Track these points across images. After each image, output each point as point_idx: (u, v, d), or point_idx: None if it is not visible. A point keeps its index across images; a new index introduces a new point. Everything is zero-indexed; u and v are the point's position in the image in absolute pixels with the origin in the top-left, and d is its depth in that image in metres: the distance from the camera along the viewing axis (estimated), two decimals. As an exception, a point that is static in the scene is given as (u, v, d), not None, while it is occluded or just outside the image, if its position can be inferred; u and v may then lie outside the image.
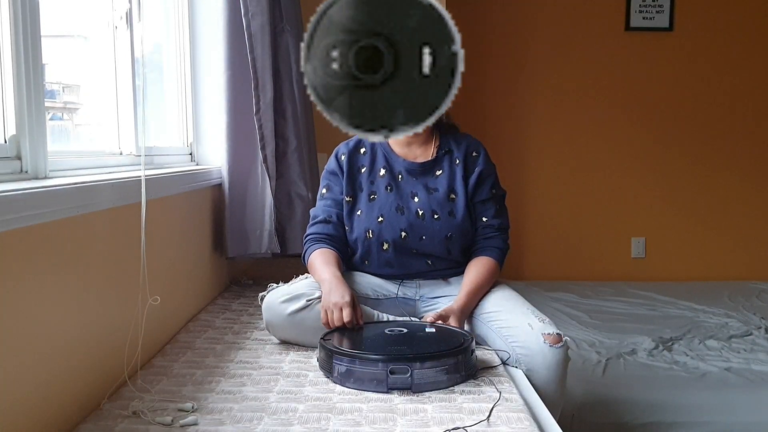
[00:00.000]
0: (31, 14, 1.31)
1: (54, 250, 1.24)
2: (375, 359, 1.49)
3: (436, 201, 1.92)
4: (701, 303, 3.52)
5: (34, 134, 1.33)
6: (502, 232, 1.96)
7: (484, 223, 1.95)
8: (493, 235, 1.94)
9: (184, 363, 1.67)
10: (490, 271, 1.91)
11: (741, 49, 4.09)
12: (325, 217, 1.95)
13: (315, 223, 1.97)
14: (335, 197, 1.96)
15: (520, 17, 4.07)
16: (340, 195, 1.96)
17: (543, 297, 3.60)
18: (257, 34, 2.37)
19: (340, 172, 1.97)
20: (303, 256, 1.96)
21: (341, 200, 1.95)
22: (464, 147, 1.98)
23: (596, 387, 2.42)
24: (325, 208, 1.97)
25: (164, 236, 1.86)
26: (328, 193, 1.98)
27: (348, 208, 1.94)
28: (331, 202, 1.96)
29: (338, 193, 1.96)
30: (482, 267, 1.90)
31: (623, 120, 4.12)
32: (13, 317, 1.12)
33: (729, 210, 4.18)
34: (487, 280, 1.90)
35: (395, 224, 1.89)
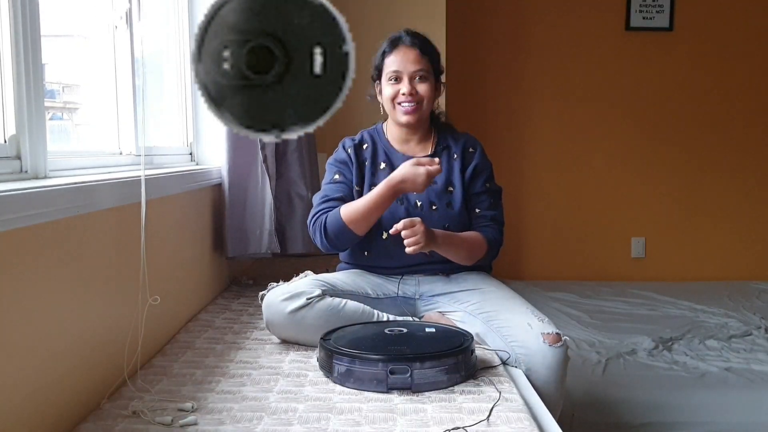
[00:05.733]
0: (31, 14, 1.31)
1: (54, 250, 1.24)
2: (375, 359, 1.49)
3: (434, 193, 1.94)
4: (701, 303, 3.52)
5: (34, 134, 1.33)
6: (496, 224, 1.97)
7: (477, 213, 1.97)
8: (487, 224, 1.96)
9: (184, 363, 1.67)
10: (476, 240, 1.92)
11: (741, 49, 4.09)
12: (342, 195, 1.94)
13: (329, 200, 1.93)
14: (347, 183, 1.97)
15: (520, 17, 4.07)
16: (351, 182, 1.97)
17: (543, 297, 3.60)
18: (257, 34, 2.37)
19: (350, 162, 1.99)
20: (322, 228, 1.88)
21: (352, 187, 1.97)
22: (462, 143, 2.01)
23: (596, 387, 2.42)
24: (341, 188, 1.96)
25: (164, 236, 1.86)
26: (340, 177, 1.98)
27: (357, 197, 1.96)
28: (343, 186, 1.97)
29: (350, 180, 1.97)
30: (470, 233, 1.93)
31: (623, 120, 4.12)
32: (13, 317, 1.12)
33: (729, 210, 4.18)
34: (468, 242, 1.91)
35: (395, 213, 1.91)
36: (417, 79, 1.91)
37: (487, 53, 4.07)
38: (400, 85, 1.91)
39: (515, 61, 4.09)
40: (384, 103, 1.97)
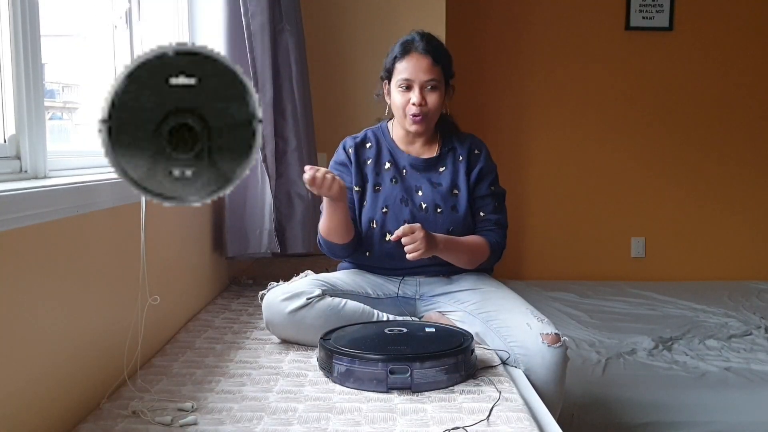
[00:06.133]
0: (30, 14, 1.31)
1: (54, 250, 1.24)
2: (375, 359, 1.49)
3: (439, 195, 1.94)
4: (701, 303, 3.52)
5: (33, 134, 1.33)
6: (499, 228, 1.97)
7: (481, 217, 1.97)
8: (491, 228, 1.96)
9: (183, 363, 1.67)
10: (479, 244, 1.92)
11: (741, 49, 4.09)
12: None
13: None
14: (347, 185, 1.97)
15: (520, 17, 4.07)
16: (350, 184, 1.97)
17: (543, 297, 3.60)
18: (257, 34, 2.37)
19: (349, 163, 1.99)
20: (319, 243, 1.97)
21: (351, 189, 1.97)
22: (467, 145, 2.00)
23: (596, 387, 2.42)
24: None
25: (164, 236, 1.86)
26: None
27: (357, 197, 1.96)
28: None
29: (348, 182, 1.97)
30: (472, 237, 1.93)
31: (623, 119, 4.12)
32: (13, 317, 1.12)
33: (729, 210, 4.18)
34: (471, 247, 1.91)
35: (399, 215, 1.91)
36: (428, 89, 1.89)
37: (486, 53, 4.07)
38: (410, 94, 1.88)
39: (515, 61, 4.09)
40: (393, 109, 1.95)
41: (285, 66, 2.49)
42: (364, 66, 3.05)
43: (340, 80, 3.11)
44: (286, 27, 2.49)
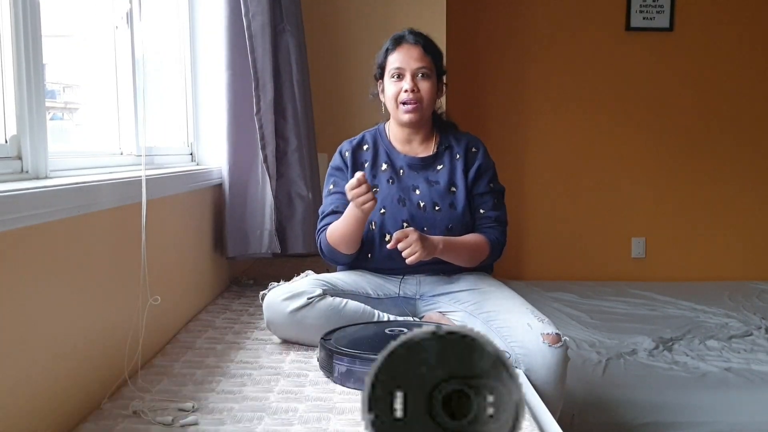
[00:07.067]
0: (31, 14, 1.32)
1: (54, 250, 1.25)
2: (375, 359, 1.49)
3: (437, 193, 1.94)
4: (701, 303, 3.52)
5: (34, 134, 1.33)
6: (499, 224, 1.97)
7: (481, 214, 1.97)
8: (491, 225, 1.96)
9: (184, 363, 1.68)
10: (479, 243, 1.92)
11: (741, 49, 4.09)
12: (334, 209, 1.96)
13: (326, 216, 1.98)
14: (342, 191, 1.97)
15: (521, 17, 4.07)
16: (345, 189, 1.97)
17: (543, 297, 3.60)
18: (258, 34, 2.37)
19: (345, 168, 2.00)
20: (319, 247, 1.97)
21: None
22: (464, 143, 2.01)
23: (596, 387, 2.42)
24: (334, 200, 1.98)
25: (164, 236, 1.87)
26: (335, 188, 2.00)
27: None
28: (340, 196, 1.97)
29: (345, 187, 1.97)
30: (472, 236, 1.93)
31: (623, 120, 4.12)
32: (13, 317, 1.12)
33: (729, 210, 4.18)
34: (471, 246, 1.91)
35: (397, 215, 1.91)
36: (419, 77, 1.92)
37: (486, 53, 4.07)
38: (403, 82, 1.91)
39: (515, 61, 4.09)
40: (386, 102, 1.97)
41: (286, 66, 2.49)
42: (364, 66, 3.04)
43: (341, 80, 3.11)
44: (287, 27, 2.49)
